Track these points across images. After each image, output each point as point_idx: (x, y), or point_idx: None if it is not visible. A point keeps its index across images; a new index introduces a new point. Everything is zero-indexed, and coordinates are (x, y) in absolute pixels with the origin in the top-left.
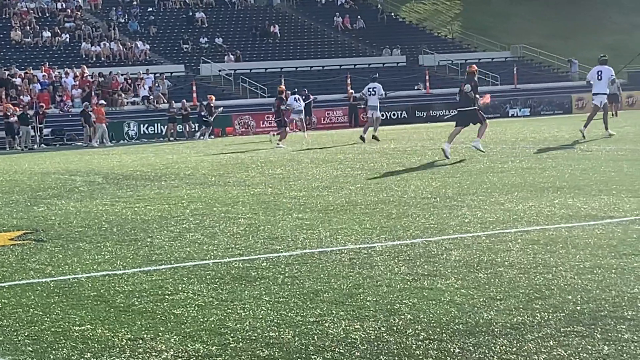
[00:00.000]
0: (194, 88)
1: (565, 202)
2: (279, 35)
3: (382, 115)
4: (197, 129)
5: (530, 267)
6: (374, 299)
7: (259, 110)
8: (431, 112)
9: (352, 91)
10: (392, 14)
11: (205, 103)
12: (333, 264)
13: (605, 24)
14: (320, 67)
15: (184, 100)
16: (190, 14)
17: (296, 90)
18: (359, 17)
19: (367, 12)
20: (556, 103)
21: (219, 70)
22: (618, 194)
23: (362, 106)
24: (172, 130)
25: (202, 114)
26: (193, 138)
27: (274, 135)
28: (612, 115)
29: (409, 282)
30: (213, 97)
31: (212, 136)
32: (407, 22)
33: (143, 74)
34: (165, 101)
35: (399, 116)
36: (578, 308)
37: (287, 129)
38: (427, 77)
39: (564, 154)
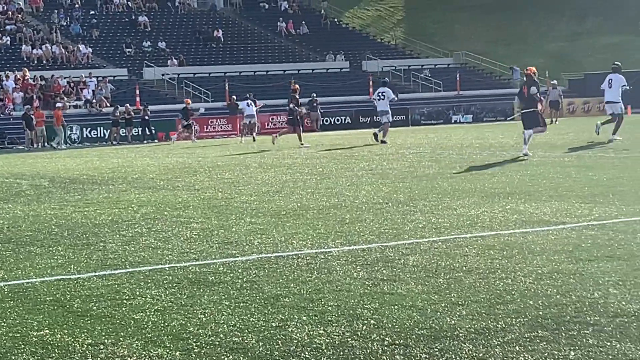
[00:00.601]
0: (137, 92)
1: (517, 208)
2: (222, 39)
3: (326, 121)
4: (140, 133)
5: (489, 272)
6: (336, 304)
7: (203, 115)
8: (375, 117)
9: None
10: (336, 19)
11: (182, 107)
12: (291, 268)
13: (547, 31)
14: (264, 72)
15: (127, 105)
16: (133, 17)
17: (248, 95)
18: (302, 22)
19: (311, 17)
20: (498, 110)
21: (162, 75)
22: (568, 200)
23: (307, 111)
24: (115, 135)
25: (181, 118)
26: (144, 142)
27: (276, 136)
28: (552, 122)
29: (369, 287)
30: (189, 101)
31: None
32: (351, 28)
33: (85, 77)
34: (108, 105)
35: (343, 122)
36: (540, 313)
37: (301, 128)
38: (371, 83)
39: (510, 160)
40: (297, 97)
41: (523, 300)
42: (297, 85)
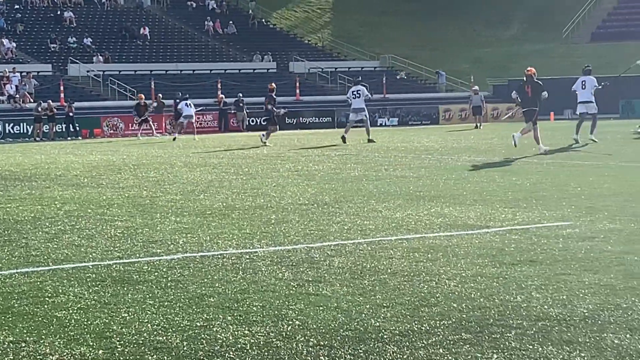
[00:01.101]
0: (62, 88)
1: (442, 211)
2: (149, 37)
3: (253, 121)
4: (64, 129)
5: (414, 274)
6: (261, 304)
7: (128, 113)
8: (301, 119)
9: (222, 96)
10: (263, 20)
11: (135, 103)
12: (216, 268)
13: (472, 36)
14: (190, 71)
15: (50, 101)
16: (59, 13)
17: (187, 96)
18: (230, 22)
19: (238, 17)
20: (424, 114)
21: (87, 71)
22: (492, 204)
23: (233, 111)
24: (38, 131)
25: (134, 115)
26: (68, 138)
27: (264, 139)
28: (477, 127)
29: (294, 288)
30: (142, 96)
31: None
32: (278, 28)
33: (9, 72)
34: (32, 100)
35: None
36: (464, 316)
37: (277, 127)
38: (297, 84)
39: (436, 163)
40: (274, 96)
41: (447, 303)
42: (273, 85)
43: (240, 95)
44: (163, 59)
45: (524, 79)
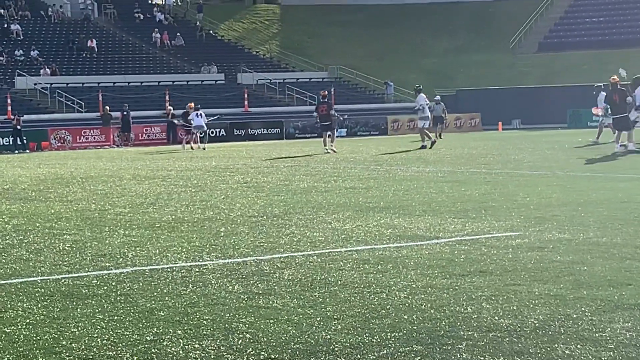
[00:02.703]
0: (9, 101)
1: (392, 222)
2: (96, 49)
3: (201, 133)
4: (11, 142)
5: (364, 286)
6: (211, 318)
7: (76, 125)
8: (249, 130)
9: (171, 108)
10: (211, 31)
11: (183, 111)
12: (165, 281)
13: (420, 47)
14: (138, 83)
15: None
16: (5, 25)
17: (199, 106)
18: (177, 34)
19: (186, 29)
20: (372, 124)
21: (35, 84)
22: (442, 215)
23: (178, 123)
24: None
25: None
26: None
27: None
28: (437, 137)
29: (244, 301)
30: (192, 105)
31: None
32: (226, 40)
33: None
34: None
35: (217, 134)
36: (415, 328)
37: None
38: (246, 96)
39: (385, 174)
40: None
41: (398, 315)
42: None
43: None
44: (111, 71)
45: (610, 87)
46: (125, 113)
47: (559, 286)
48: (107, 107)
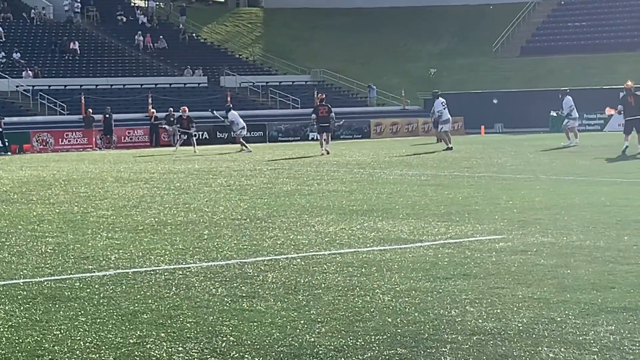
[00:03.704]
0: None
1: (375, 226)
2: (79, 52)
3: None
4: None
5: (348, 289)
6: (194, 321)
7: (58, 128)
8: (232, 133)
9: (154, 110)
10: (194, 34)
11: (177, 115)
12: (149, 284)
13: (403, 51)
14: (121, 86)
15: None
16: None
17: (231, 105)
18: (160, 36)
19: (169, 32)
20: (355, 127)
21: (17, 86)
22: (425, 218)
23: (163, 126)
24: None
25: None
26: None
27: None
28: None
29: (228, 304)
30: (187, 108)
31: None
32: (209, 43)
33: None
34: None
35: (200, 137)
36: (399, 331)
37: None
38: (229, 99)
39: (368, 177)
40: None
41: (382, 318)
42: (323, 95)
43: (171, 109)
44: (93, 73)
45: (624, 92)
46: (107, 116)
47: (542, 289)
48: (90, 110)
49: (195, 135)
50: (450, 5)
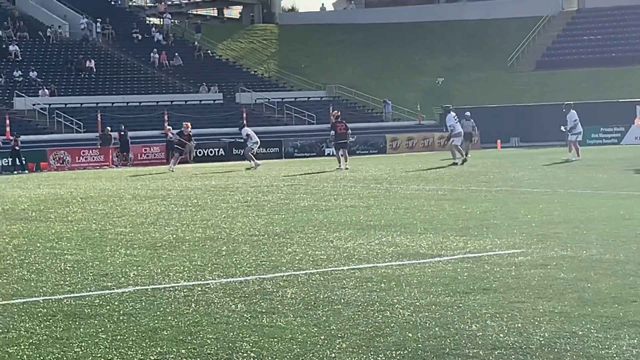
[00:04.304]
0: (7, 122)
1: (393, 241)
2: (94, 70)
3: (200, 152)
4: (10, 163)
5: (368, 304)
6: (215, 337)
7: (75, 146)
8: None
9: (170, 127)
10: (209, 51)
11: (178, 131)
12: (168, 301)
13: (418, 66)
14: (137, 103)
15: None
16: (4, 46)
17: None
18: (176, 54)
19: (184, 49)
20: (371, 143)
21: (33, 105)
22: (443, 233)
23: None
24: None
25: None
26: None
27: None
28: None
29: (248, 320)
30: (189, 125)
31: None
32: (224, 59)
33: None
34: None
35: (217, 153)
36: (420, 346)
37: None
38: (244, 115)
39: (385, 192)
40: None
41: (402, 333)
42: (339, 112)
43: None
44: (109, 91)
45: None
46: (122, 133)
47: (563, 303)
48: (108, 128)
49: (191, 151)
50: (464, 20)
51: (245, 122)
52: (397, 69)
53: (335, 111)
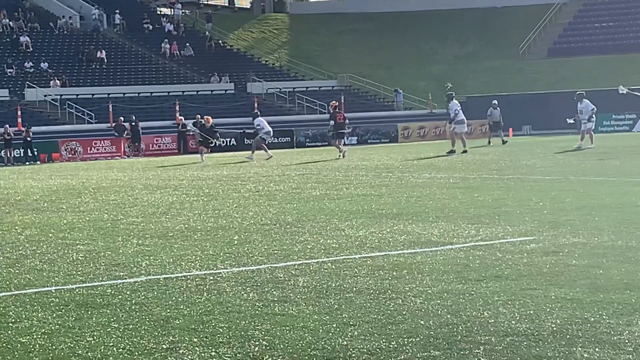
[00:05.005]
0: (19, 113)
1: (405, 229)
2: (105, 60)
3: (211, 142)
4: (22, 154)
5: (379, 292)
6: (227, 325)
7: (87, 136)
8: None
9: (182, 118)
10: (220, 41)
11: (200, 124)
12: (180, 290)
13: (429, 55)
14: (148, 94)
15: (7, 125)
16: (15, 37)
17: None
18: (187, 44)
19: (195, 39)
20: (382, 132)
21: (45, 96)
22: (455, 221)
23: (191, 132)
24: None
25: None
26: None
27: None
28: (488, 143)
29: (260, 308)
30: (210, 119)
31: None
32: (235, 49)
33: None
34: None
35: (228, 143)
36: (432, 333)
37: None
38: (256, 105)
39: (397, 181)
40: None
41: (414, 320)
42: (336, 102)
43: (199, 116)
44: (120, 82)
45: None
46: (134, 124)
47: (575, 290)
48: (121, 118)
49: (212, 144)
50: (475, 7)
51: (258, 111)
52: (408, 58)
53: (334, 101)
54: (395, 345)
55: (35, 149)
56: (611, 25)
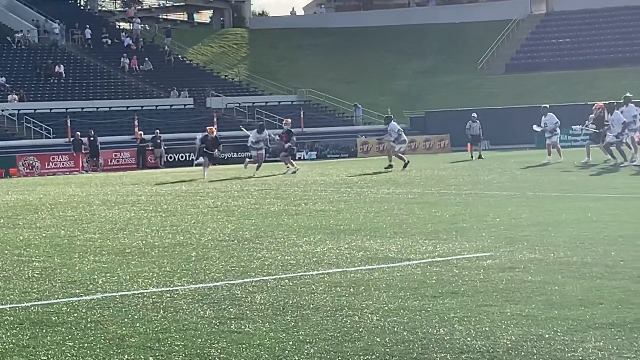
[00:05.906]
0: None
1: (363, 245)
2: (64, 75)
3: (170, 157)
4: None
5: (336, 309)
6: (183, 343)
7: (44, 151)
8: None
9: (141, 132)
10: (180, 56)
11: (203, 135)
12: (136, 307)
13: (389, 70)
14: (107, 108)
15: None
16: None
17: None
18: (146, 59)
19: (155, 54)
20: (342, 147)
21: (2, 110)
22: (413, 237)
23: (150, 148)
24: None
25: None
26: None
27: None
28: (474, 157)
29: (216, 326)
30: (214, 129)
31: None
32: (195, 64)
33: None
34: None
35: (187, 158)
36: (388, 350)
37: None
38: (215, 120)
39: (356, 196)
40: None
41: (371, 337)
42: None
43: (158, 131)
44: (79, 96)
45: None
46: (92, 138)
47: (530, 306)
48: (78, 133)
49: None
50: (435, 23)
51: (264, 124)
52: (369, 73)
53: (287, 119)
54: None
55: None
56: (568, 41)
